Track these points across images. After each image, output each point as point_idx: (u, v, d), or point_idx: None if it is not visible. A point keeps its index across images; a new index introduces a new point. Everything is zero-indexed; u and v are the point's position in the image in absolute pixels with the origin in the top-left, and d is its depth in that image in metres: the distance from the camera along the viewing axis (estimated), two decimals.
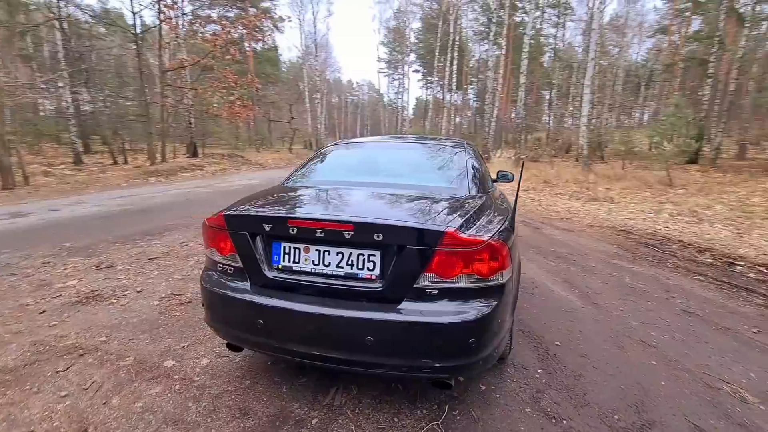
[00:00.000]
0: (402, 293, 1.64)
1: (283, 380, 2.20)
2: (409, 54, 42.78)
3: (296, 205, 2.16)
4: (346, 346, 1.66)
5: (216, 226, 1.92)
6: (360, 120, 67.95)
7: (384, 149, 3.00)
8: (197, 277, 3.73)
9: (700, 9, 26.29)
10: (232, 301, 1.83)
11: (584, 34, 34.56)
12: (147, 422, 1.85)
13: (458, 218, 1.71)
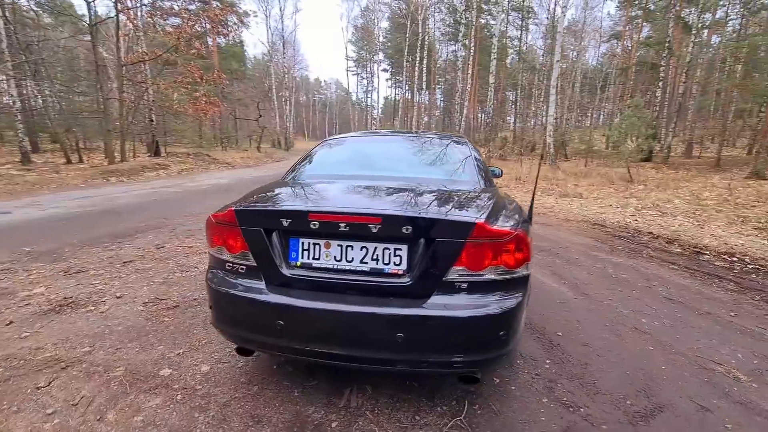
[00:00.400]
0: (431, 288, 1.60)
1: (293, 384, 2.10)
2: (377, 53, 42.88)
3: (313, 199, 2.05)
4: (374, 344, 1.60)
5: (224, 223, 1.80)
6: (328, 119, 67.30)
7: (387, 143, 2.95)
8: (180, 280, 3.52)
9: (650, 17, 28.05)
10: (246, 302, 1.71)
11: (545, 37, 36.06)
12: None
13: (483, 210, 1.69)
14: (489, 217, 1.62)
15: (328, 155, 2.84)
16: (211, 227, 1.87)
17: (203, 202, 7.46)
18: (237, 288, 1.75)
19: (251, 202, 1.91)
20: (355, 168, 2.55)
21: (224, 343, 2.48)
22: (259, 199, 1.95)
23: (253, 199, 1.96)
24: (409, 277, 1.60)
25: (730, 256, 4.78)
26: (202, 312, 2.92)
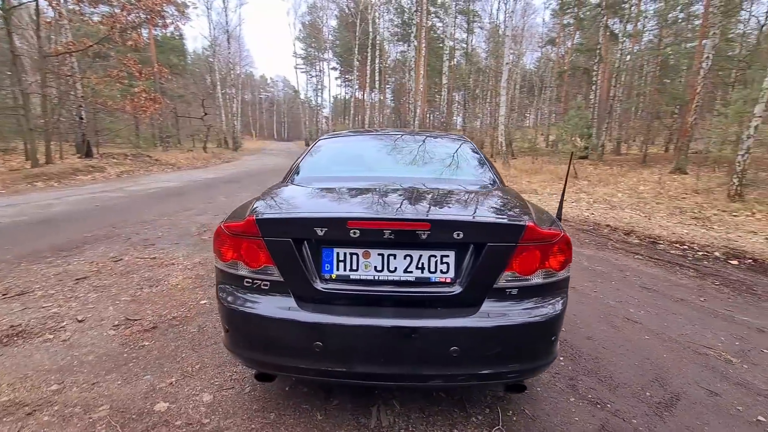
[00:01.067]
0: (481, 295, 1.51)
1: (313, 406, 1.92)
2: (326, 51, 42.21)
3: (346, 204, 1.85)
4: (427, 360, 1.48)
5: (242, 234, 1.57)
6: (276, 117, 65.06)
7: (392, 142, 2.81)
8: (151, 297, 3.15)
9: (581, 25, 30.33)
10: (273, 322, 1.51)
11: (487, 40, 37.66)
12: None
13: (527, 212, 1.64)
14: (536, 219, 1.57)
15: (334, 154, 2.66)
16: (223, 239, 1.63)
17: (154, 208, 6.82)
18: (260, 307, 1.54)
19: (272, 209, 1.70)
20: (368, 169, 2.40)
21: (222, 367, 2.23)
22: (281, 206, 1.75)
23: (272, 206, 1.75)
24: (458, 285, 1.50)
25: (681, 245, 5.23)
26: (188, 332, 2.62)
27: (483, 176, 2.30)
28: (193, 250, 4.45)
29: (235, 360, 2.13)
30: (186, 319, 2.80)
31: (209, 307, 3.01)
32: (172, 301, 3.09)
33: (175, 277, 3.61)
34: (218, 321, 2.73)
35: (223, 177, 12.72)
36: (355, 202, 1.82)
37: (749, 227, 6.40)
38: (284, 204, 1.80)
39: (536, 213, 1.75)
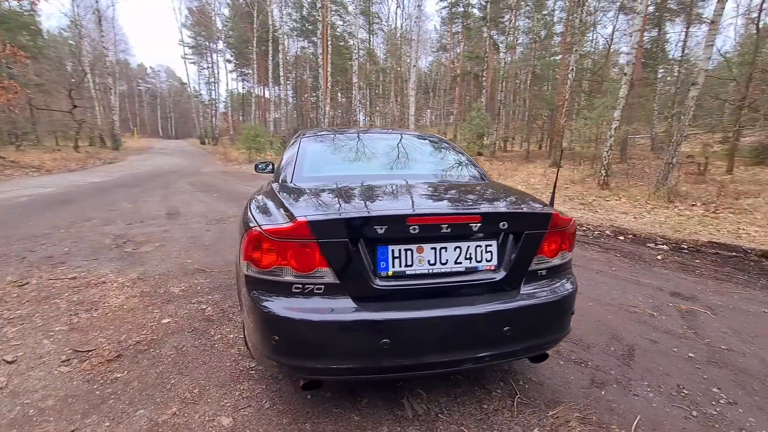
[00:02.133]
0: (519, 279, 1.69)
1: (345, 409, 1.90)
2: (218, 41, 39.00)
3: (389, 201, 1.87)
4: (486, 342, 1.60)
5: (292, 238, 1.48)
6: (161, 112, 57.74)
7: (377, 141, 2.80)
8: (94, 323, 2.70)
9: (469, 34, 33.44)
10: (336, 326, 1.47)
11: (386, 42, 39.07)
12: None
13: (540, 202, 1.86)
14: (553, 207, 1.80)
15: (329, 153, 2.57)
16: (264, 245, 1.52)
17: (41, 219, 5.64)
18: (320, 312, 1.48)
19: (320, 209, 1.62)
20: (371, 167, 2.40)
21: (226, 386, 2.05)
22: (328, 206, 1.69)
23: (317, 207, 1.67)
24: (502, 271, 1.66)
25: (580, 226, 6.25)
26: (164, 355, 2.31)
27: (473, 171, 2.50)
28: (122, 265, 3.85)
29: (278, 371, 1.98)
30: (155, 342, 2.46)
31: (176, 326, 2.68)
32: (126, 325, 2.68)
33: (115, 298, 3.10)
34: (199, 338, 2.49)
35: (114, 180, 11.02)
36: (394, 199, 1.85)
37: (620, 209, 7.93)
38: (327, 204, 1.73)
39: (544, 202, 2.00)
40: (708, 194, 9.84)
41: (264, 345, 1.55)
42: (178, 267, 3.87)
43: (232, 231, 5.37)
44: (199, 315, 2.85)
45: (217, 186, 10.35)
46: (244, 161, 18.41)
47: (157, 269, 3.78)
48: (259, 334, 1.56)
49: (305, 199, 1.78)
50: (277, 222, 1.55)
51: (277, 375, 2.13)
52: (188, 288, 3.35)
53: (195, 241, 4.85)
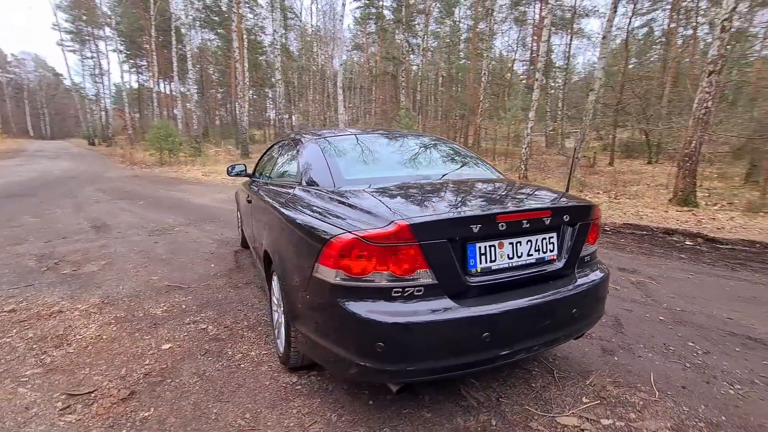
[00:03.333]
0: (573, 265, 1.88)
1: (412, 409, 1.91)
2: (103, 28, 34.14)
3: (462, 200, 1.90)
4: (560, 324, 1.75)
5: (394, 242, 1.46)
6: (30, 108, 48.20)
7: (391, 142, 2.77)
8: (75, 360, 2.32)
9: (385, 36, 34.29)
10: (442, 325, 1.49)
11: (299, 39, 38.11)
12: None
13: (572, 195, 2.08)
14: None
15: (355, 155, 2.47)
16: (363, 251, 1.46)
17: None
18: (424, 314, 1.48)
19: (416, 212, 1.60)
20: (404, 167, 2.39)
21: (278, 406, 1.92)
22: (419, 208, 1.68)
23: (409, 209, 1.64)
24: (562, 260, 1.83)
25: None
26: (189, 384, 2.06)
27: (489, 168, 2.66)
28: (71, 290, 3.27)
29: (377, 380, 1.82)
30: (168, 372, 2.18)
31: (182, 350, 2.40)
32: (119, 357, 2.31)
33: (85, 328, 2.64)
34: (218, 360, 2.28)
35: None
36: (463, 197, 1.91)
37: None
38: (413, 206, 1.72)
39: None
40: (603, 183, 11.61)
41: (363, 354, 1.50)
42: (146, 286, 3.41)
43: (187, 242, 4.87)
44: (202, 336, 2.58)
45: (136, 193, 9.18)
46: (155, 164, 16.51)
47: (122, 290, 3.29)
48: (356, 343, 1.51)
49: (380, 202, 1.75)
50: (373, 226, 1.50)
51: (325, 386, 2.06)
52: (171, 308, 2.99)
53: (147, 255, 4.29)
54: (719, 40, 7.07)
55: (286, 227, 1.96)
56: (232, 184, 11.02)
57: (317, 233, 1.64)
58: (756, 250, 4.94)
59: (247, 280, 3.59)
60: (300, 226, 1.81)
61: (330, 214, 1.72)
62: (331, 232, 1.56)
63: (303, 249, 1.75)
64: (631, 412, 1.90)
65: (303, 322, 1.81)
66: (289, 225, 1.93)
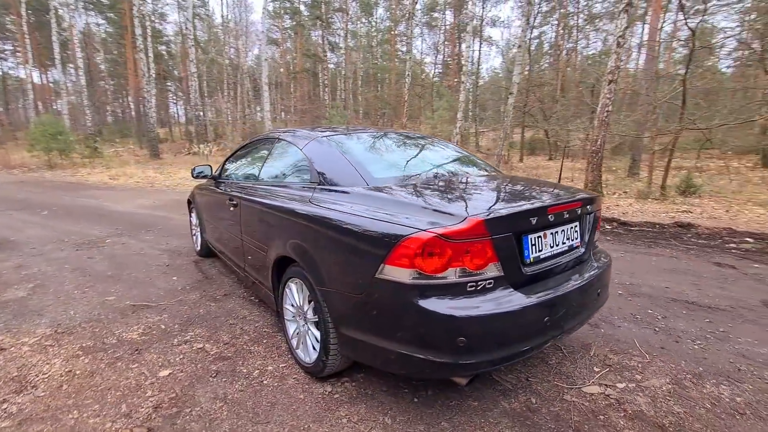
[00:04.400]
0: (590, 251, 2.10)
1: (457, 399, 1.97)
2: None
3: (510, 194, 2.03)
4: (590, 305, 1.94)
5: (470, 238, 1.48)
6: None
7: (392, 139, 2.72)
8: (54, 405, 1.96)
9: (303, 31, 33.50)
10: (514, 314, 1.55)
11: (206, 31, 35.30)
12: None
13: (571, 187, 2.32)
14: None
15: (375, 154, 2.39)
16: (438, 248, 1.47)
17: None
18: (500, 305, 1.53)
19: (482, 208, 1.64)
20: (419, 164, 2.39)
21: (324, 417, 1.83)
22: (484, 204, 1.75)
23: (477, 206, 1.68)
24: (583, 246, 2.03)
25: None
26: (213, 410, 1.85)
27: (485, 164, 2.80)
28: (4, 322, 2.67)
29: (451, 375, 1.73)
30: (181, 400, 1.93)
31: (187, 375, 2.14)
32: (110, 393, 1.98)
33: (47, 365, 2.20)
34: (236, 380, 2.10)
35: None
36: (509, 193, 1.99)
37: None
38: (472, 202, 1.78)
39: None
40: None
41: (441, 350, 1.51)
42: (104, 308, 2.93)
43: (130, 255, 4.27)
44: (203, 356, 2.32)
45: (33, 201, 7.72)
46: (41, 167, 14.01)
47: (74, 316, 2.79)
48: (434, 340, 1.51)
49: (438, 198, 1.78)
50: (447, 223, 1.51)
51: (364, 391, 2.01)
52: (148, 330, 2.62)
53: (87, 273, 3.68)
54: (615, 54, 8.31)
55: (325, 231, 1.87)
56: (151, 189, 9.91)
57: (380, 234, 1.60)
58: (658, 230, 5.94)
59: (224, 291, 3.29)
60: (349, 229, 1.73)
61: (387, 214, 1.68)
62: (401, 231, 1.54)
63: (359, 251, 1.68)
64: (636, 374, 2.19)
65: (357, 326, 1.74)
66: (330, 228, 1.83)
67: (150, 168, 14.17)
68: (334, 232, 1.81)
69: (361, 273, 1.66)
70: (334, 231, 1.81)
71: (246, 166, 3.21)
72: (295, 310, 2.23)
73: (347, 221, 1.76)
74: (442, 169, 2.40)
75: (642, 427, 1.78)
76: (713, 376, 2.18)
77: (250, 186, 2.81)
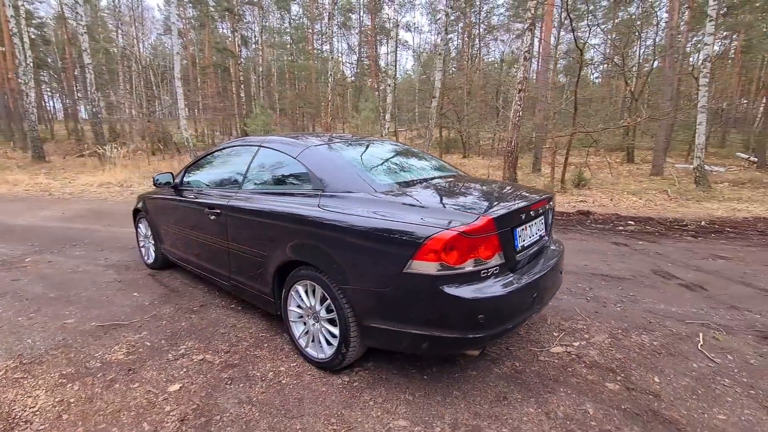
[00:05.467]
0: (550, 239, 2.58)
1: (457, 372, 2.30)
2: None
3: (499, 195, 2.38)
4: (557, 281, 2.41)
5: (484, 233, 1.80)
6: None
7: (371, 147, 2.90)
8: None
9: (213, 24, 31.26)
10: (516, 292, 1.92)
11: (87, 14, 30.97)
12: None
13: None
14: None
15: (366, 162, 2.55)
16: (464, 242, 1.76)
17: None
18: (505, 286, 1.88)
19: (488, 207, 2.00)
20: (406, 170, 2.65)
21: (351, 403, 2.02)
22: (487, 202, 2.12)
23: (483, 205, 2.05)
24: (547, 235, 2.50)
25: None
26: (240, 414, 1.92)
27: (453, 168, 3.17)
28: None
29: (470, 348, 2.02)
30: (206, 410, 1.95)
31: (199, 386, 2.14)
32: (123, 415, 1.91)
33: (29, 398, 2.01)
34: (254, 384, 2.20)
35: None
36: (496, 194, 2.34)
37: None
38: (479, 201, 2.19)
39: None
40: None
41: (466, 327, 1.82)
42: (67, 332, 2.68)
43: (64, 274, 3.84)
44: (208, 367, 2.31)
45: None
46: None
47: (35, 344, 2.51)
48: (460, 320, 1.81)
49: (443, 201, 2.09)
50: (463, 222, 1.80)
51: (378, 375, 2.24)
52: (133, 348, 2.50)
53: (20, 297, 3.25)
54: (523, 66, 9.49)
55: (346, 234, 2.03)
56: (50, 198, 8.65)
57: (406, 234, 1.84)
58: (565, 218, 7.03)
59: (199, 302, 3.20)
60: (373, 231, 1.94)
61: (407, 216, 1.92)
62: (426, 232, 1.80)
63: (385, 250, 1.90)
64: (584, 334, 2.75)
65: (383, 316, 1.96)
66: (351, 231, 2.01)
67: (38, 173, 12.17)
68: (356, 234, 2.00)
69: (388, 269, 1.89)
70: (356, 234, 2.00)
71: (221, 175, 3.16)
72: (303, 311, 2.35)
73: (370, 224, 1.96)
74: (427, 174, 2.71)
75: (599, 372, 2.30)
76: (635, 329, 2.83)
77: (234, 194, 2.80)
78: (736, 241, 5.57)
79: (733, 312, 3.14)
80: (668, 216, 7.41)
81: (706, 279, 3.90)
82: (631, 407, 2.00)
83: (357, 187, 2.23)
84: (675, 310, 3.16)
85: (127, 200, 8.51)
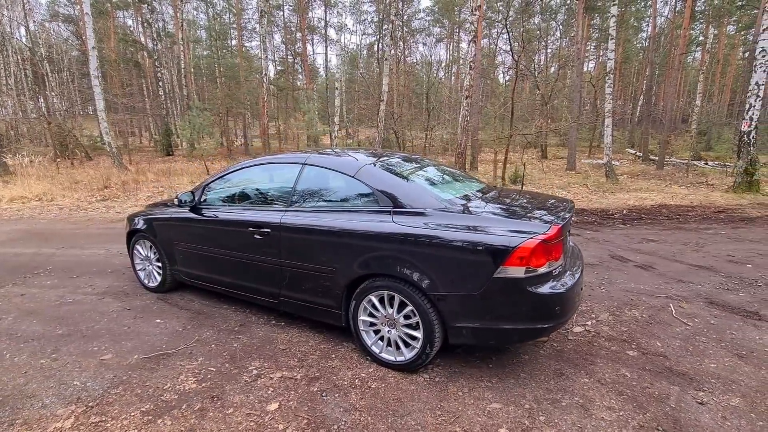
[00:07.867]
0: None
1: (511, 357, 2.68)
2: None
3: (549, 206, 2.74)
4: (583, 278, 2.89)
5: (555, 239, 2.17)
6: None
7: (418, 164, 3.12)
8: None
9: (115, 11, 28.00)
10: (576, 285, 2.33)
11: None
12: None
13: None
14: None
15: (413, 176, 2.76)
16: (544, 248, 2.10)
17: None
18: (570, 281, 2.28)
19: (549, 217, 2.35)
20: (452, 186, 2.92)
21: (456, 395, 2.29)
22: (548, 212, 2.49)
23: (545, 215, 2.40)
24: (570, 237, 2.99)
25: None
26: (355, 418, 2.07)
27: (481, 180, 3.53)
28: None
29: (546, 335, 2.42)
30: (318, 421, 2.05)
31: (294, 402, 2.21)
32: None
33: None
34: (347, 392, 2.37)
35: None
36: (540, 202, 2.73)
37: None
38: (540, 211, 2.51)
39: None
40: None
41: (546, 318, 2.18)
42: (112, 369, 2.50)
43: (57, 307, 3.45)
44: (292, 384, 2.37)
45: None
46: None
47: (87, 385, 2.32)
48: (542, 313, 2.17)
49: (511, 213, 2.43)
50: (541, 231, 2.15)
51: (451, 369, 2.52)
52: (199, 376, 2.44)
53: (21, 338, 2.89)
54: (469, 75, 10.29)
55: (434, 247, 2.25)
56: None
57: (496, 244, 2.14)
58: None
59: (238, 322, 3.15)
60: (462, 243, 2.20)
61: (491, 227, 2.22)
62: (514, 241, 2.11)
63: (475, 259, 2.18)
64: (592, 314, 3.31)
65: (473, 317, 2.24)
66: (439, 244, 2.24)
67: None
68: (445, 246, 2.25)
69: (479, 275, 2.18)
70: (445, 246, 2.25)
71: (258, 193, 3.14)
72: (377, 319, 2.54)
73: (460, 237, 2.22)
74: (469, 187, 3.02)
75: (617, 343, 2.84)
76: (624, 305, 3.48)
77: (284, 213, 2.82)
78: (654, 226, 6.81)
79: (681, 285, 3.98)
80: (595, 207, 8.68)
81: (651, 260, 4.80)
82: (652, 367, 2.55)
83: (425, 203, 2.47)
84: (643, 288, 3.90)
85: (63, 218, 7.52)
